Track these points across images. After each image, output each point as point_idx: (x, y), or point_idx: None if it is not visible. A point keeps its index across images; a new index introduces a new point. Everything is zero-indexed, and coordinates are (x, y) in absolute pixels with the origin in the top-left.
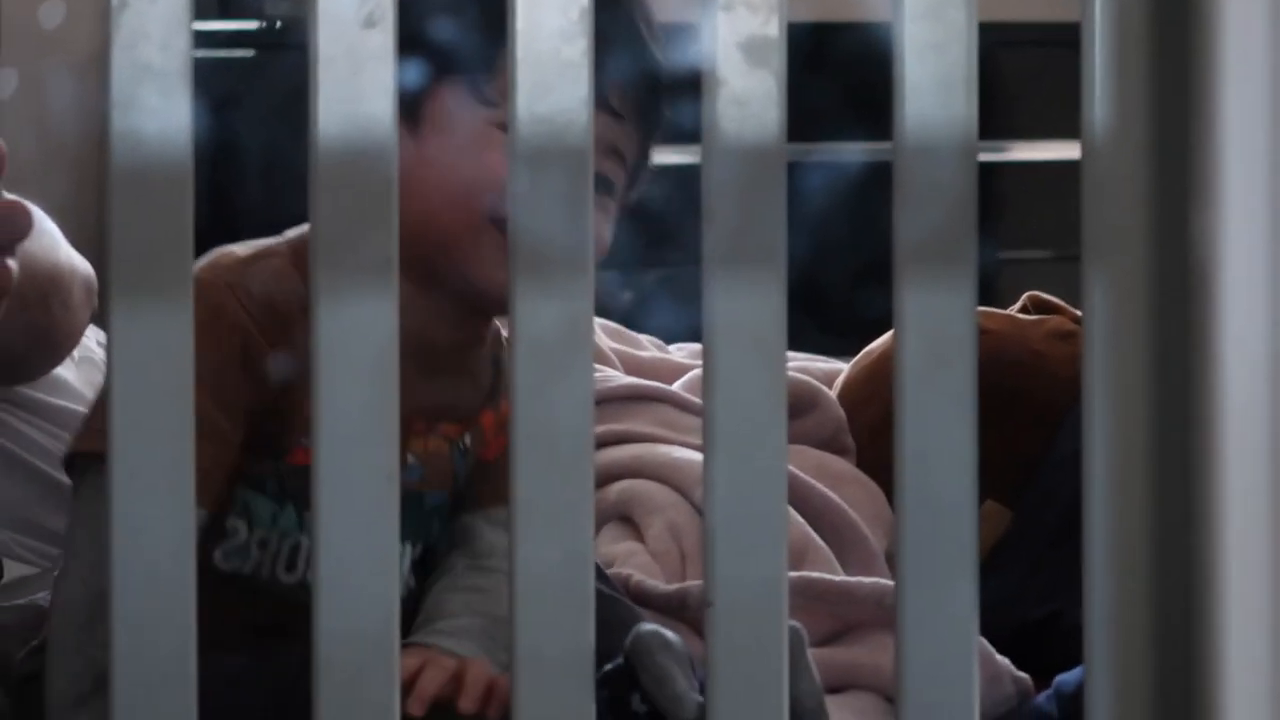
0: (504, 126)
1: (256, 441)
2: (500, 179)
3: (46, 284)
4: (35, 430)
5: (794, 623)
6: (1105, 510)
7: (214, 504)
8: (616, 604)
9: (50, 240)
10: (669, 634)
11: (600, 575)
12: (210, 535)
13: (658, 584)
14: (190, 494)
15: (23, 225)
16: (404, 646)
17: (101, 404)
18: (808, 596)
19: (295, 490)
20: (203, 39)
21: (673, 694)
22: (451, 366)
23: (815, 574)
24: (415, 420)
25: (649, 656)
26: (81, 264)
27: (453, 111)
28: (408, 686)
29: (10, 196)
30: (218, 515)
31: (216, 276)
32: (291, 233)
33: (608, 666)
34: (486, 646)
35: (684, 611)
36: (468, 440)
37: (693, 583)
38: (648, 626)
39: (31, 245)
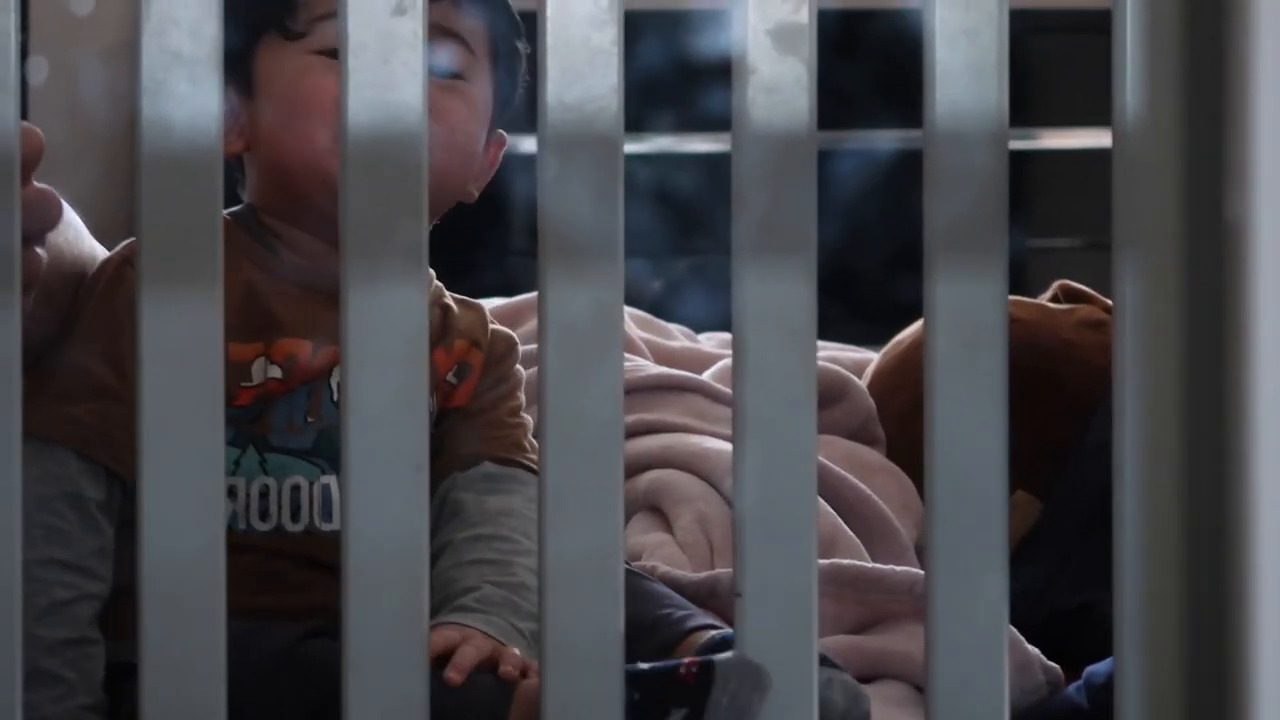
0: (321, 52)
1: None
2: (331, 97)
3: (70, 273)
4: None
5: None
6: (1136, 500)
7: (116, 463)
8: (652, 594)
9: (75, 232)
10: (763, 669)
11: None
12: None
13: (686, 572)
14: (220, 477)
15: (53, 214)
16: (435, 626)
17: (49, 383)
18: (838, 584)
19: (250, 433)
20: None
21: None
22: None
23: (846, 561)
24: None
25: (738, 683)
26: (104, 254)
27: (272, 60)
28: (444, 658)
29: (40, 185)
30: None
31: (116, 253)
32: None
33: (643, 666)
34: (513, 616)
35: (713, 599)
36: None
37: (723, 571)
38: (742, 655)
39: (57, 237)
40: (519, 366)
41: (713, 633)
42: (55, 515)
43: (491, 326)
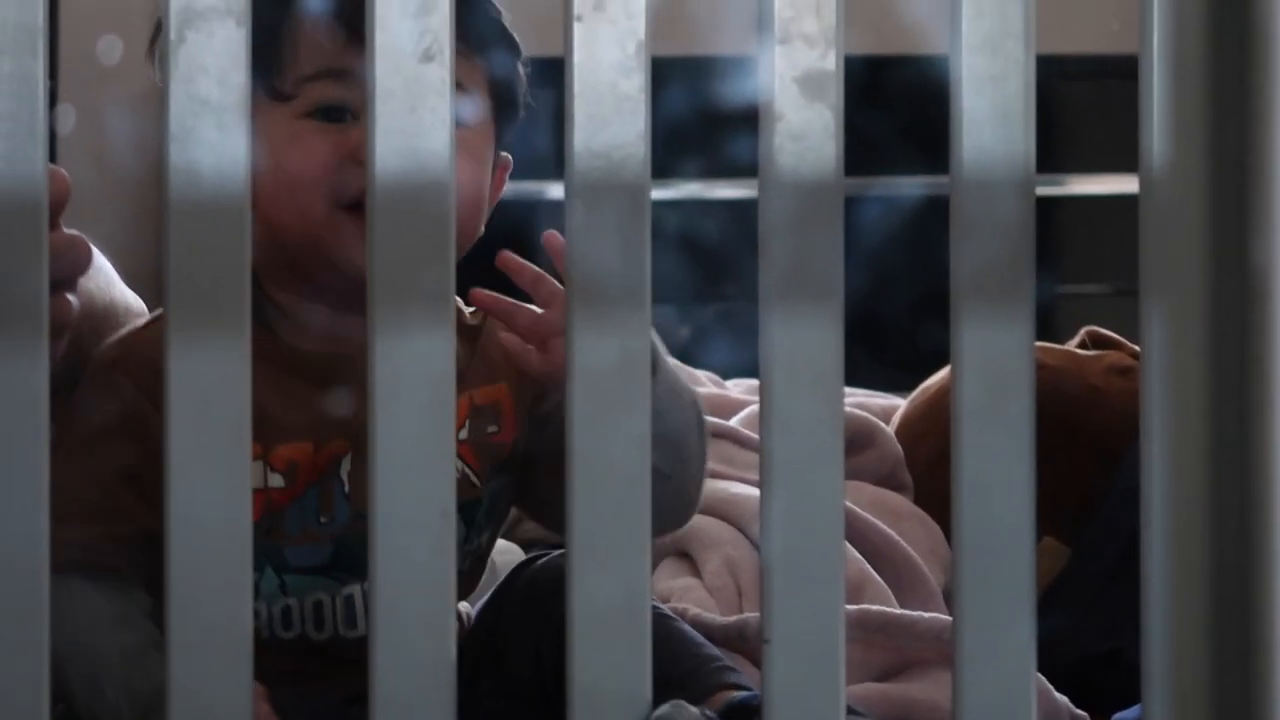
0: (308, 114)
1: None
2: (323, 165)
3: (102, 319)
4: None
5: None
6: (1163, 545)
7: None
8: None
9: (105, 277)
10: (686, 706)
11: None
12: None
13: (715, 616)
14: (247, 528)
15: (83, 260)
16: None
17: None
18: (866, 630)
19: (265, 549)
20: None
21: None
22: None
23: (874, 607)
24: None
25: None
26: (134, 301)
27: (261, 123)
28: None
29: (70, 231)
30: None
31: (104, 354)
32: None
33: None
34: None
35: (743, 644)
36: None
37: (751, 615)
38: (670, 705)
39: (88, 282)
40: None
41: (738, 695)
42: (96, 644)
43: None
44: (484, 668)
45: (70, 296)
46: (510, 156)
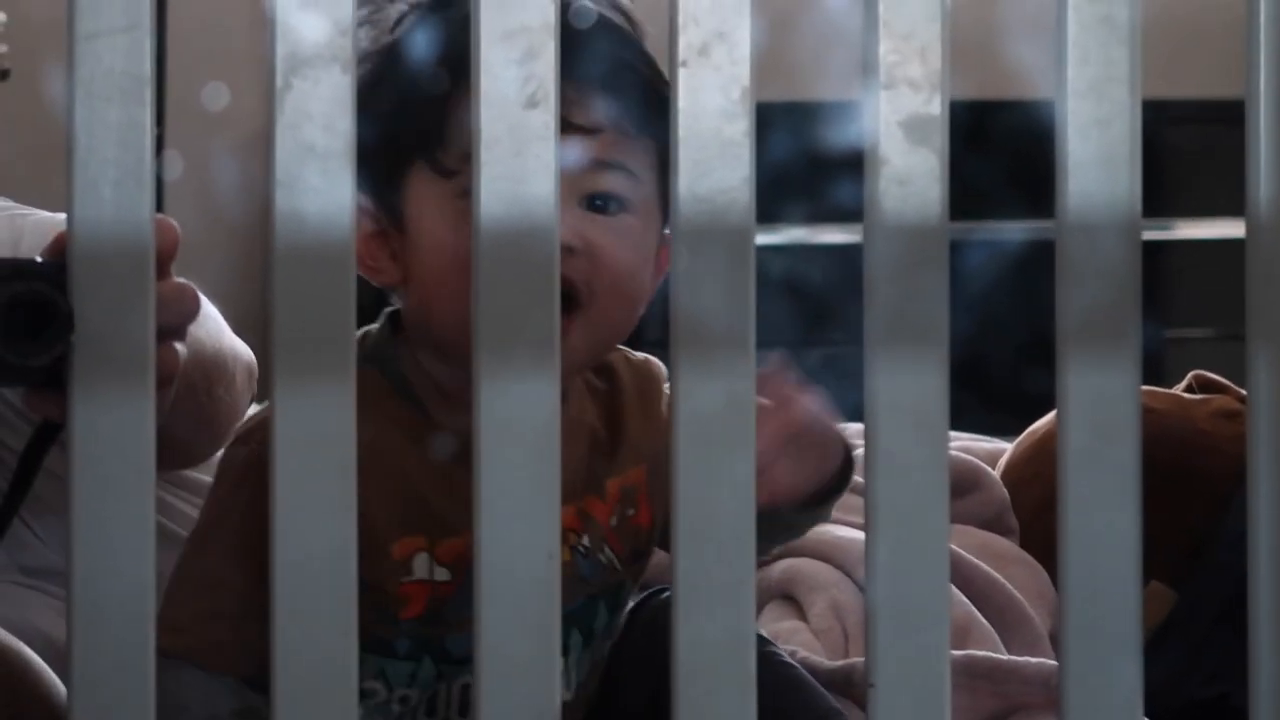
0: (466, 194)
1: (360, 609)
2: None
3: (211, 368)
4: (198, 511)
5: None
6: (1270, 591)
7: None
8: (795, 687)
9: (215, 325)
10: None
11: (773, 653)
12: None
13: (823, 660)
14: (352, 577)
15: (191, 309)
16: None
17: (173, 594)
18: (972, 675)
19: (426, 640)
20: None
21: None
22: None
23: (980, 652)
24: None
25: None
26: (243, 349)
27: (423, 197)
28: None
29: (178, 279)
30: None
31: (243, 447)
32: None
33: None
34: None
35: (850, 688)
36: (586, 541)
37: (858, 659)
38: None
39: (198, 330)
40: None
41: None
42: None
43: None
44: (599, 706)
45: (178, 345)
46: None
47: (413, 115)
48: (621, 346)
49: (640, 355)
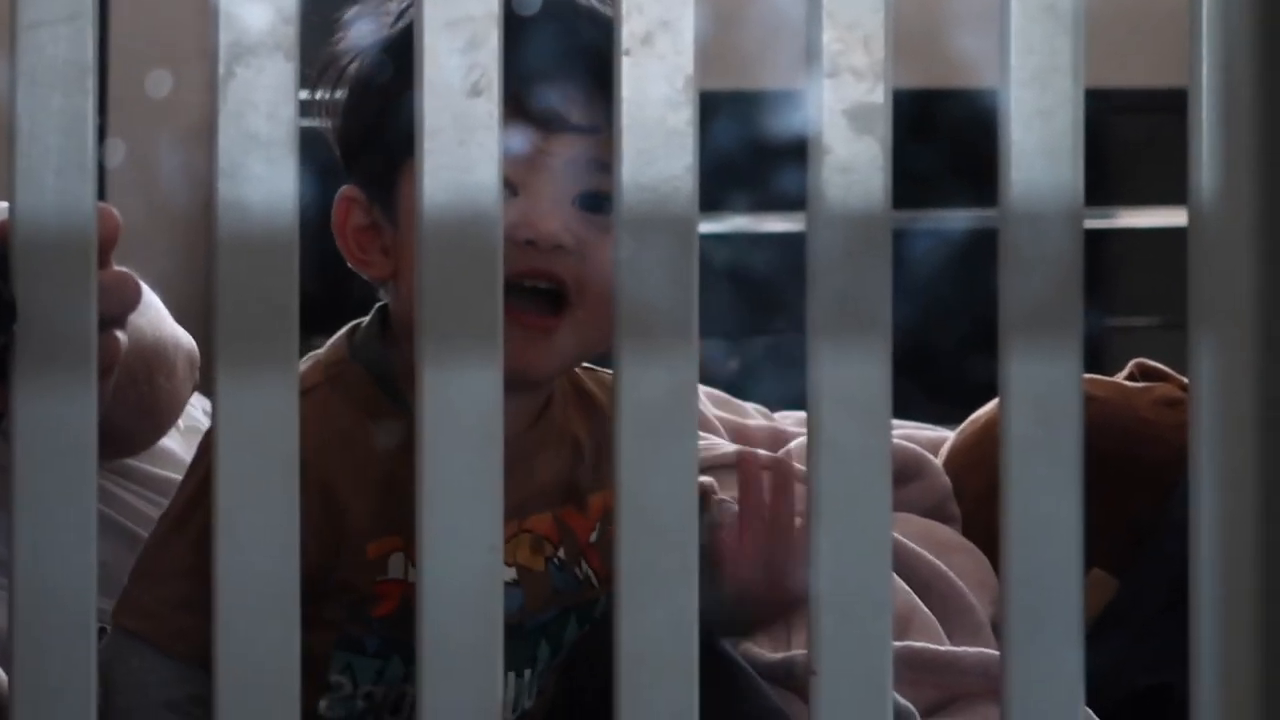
0: None
1: (333, 605)
2: None
3: (152, 357)
4: (142, 501)
5: (904, 702)
6: (1212, 579)
7: None
8: (740, 675)
9: (155, 314)
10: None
11: (716, 644)
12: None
13: (763, 652)
14: (294, 572)
15: (131, 297)
16: None
17: (139, 577)
18: (913, 667)
19: (396, 640)
20: (308, 108)
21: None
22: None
23: (920, 644)
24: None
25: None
26: (185, 337)
27: (414, 194)
28: None
29: (119, 268)
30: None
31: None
32: (324, 352)
33: None
34: None
35: (790, 680)
36: (562, 553)
37: (798, 651)
38: None
39: (138, 318)
40: None
41: None
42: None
43: None
44: (560, 703)
45: (120, 334)
46: None
47: (408, 109)
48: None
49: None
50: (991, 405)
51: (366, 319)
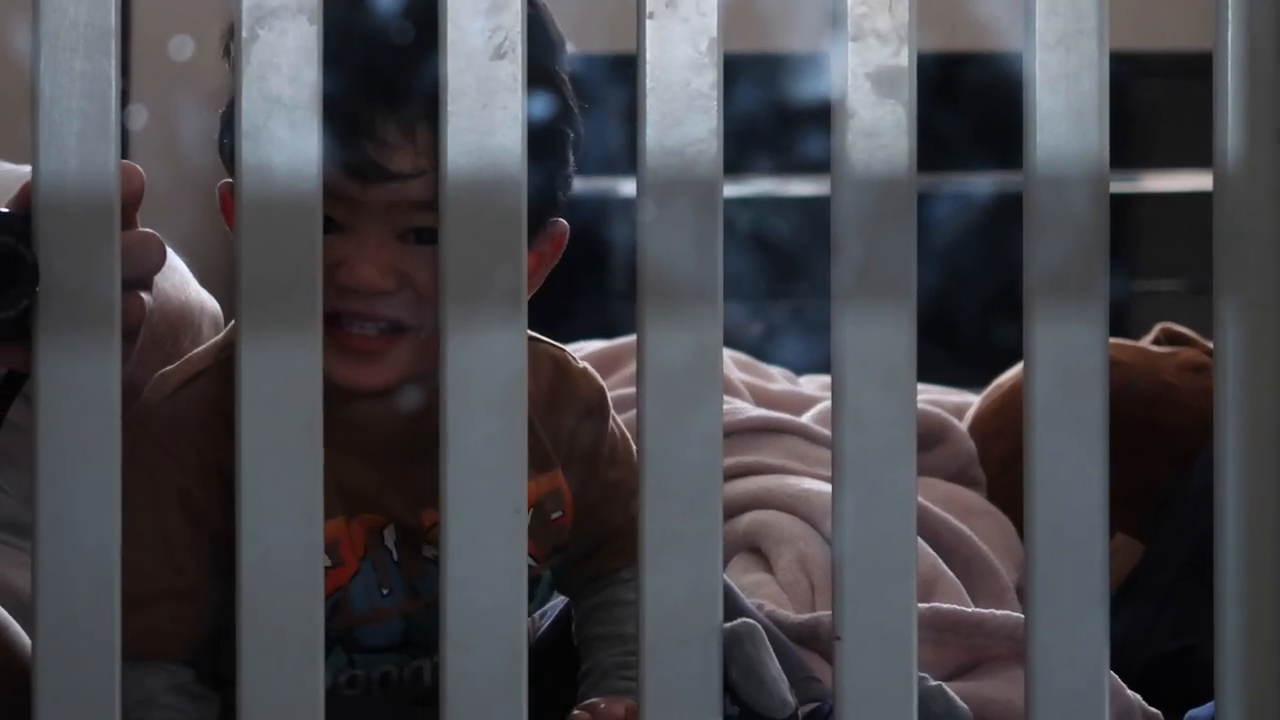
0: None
1: None
2: None
3: (177, 318)
4: None
5: (963, 705)
6: (1237, 543)
7: (195, 657)
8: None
9: (180, 276)
10: (757, 625)
11: (741, 605)
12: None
13: (789, 613)
14: (318, 520)
15: (156, 258)
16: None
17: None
18: (938, 628)
19: (334, 632)
20: None
21: (758, 682)
22: None
23: (946, 605)
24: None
25: (736, 647)
26: (209, 300)
27: None
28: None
29: (144, 229)
30: None
31: (146, 432)
32: (219, 336)
33: None
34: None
35: (816, 641)
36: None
37: (824, 613)
38: (739, 621)
39: (163, 281)
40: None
41: (811, 706)
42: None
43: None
44: (560, 666)
45: (144, 295)
46: (565, 221)
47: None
48: (563, 347)
49: (580, 365)
50: (1016, 370)
51: None
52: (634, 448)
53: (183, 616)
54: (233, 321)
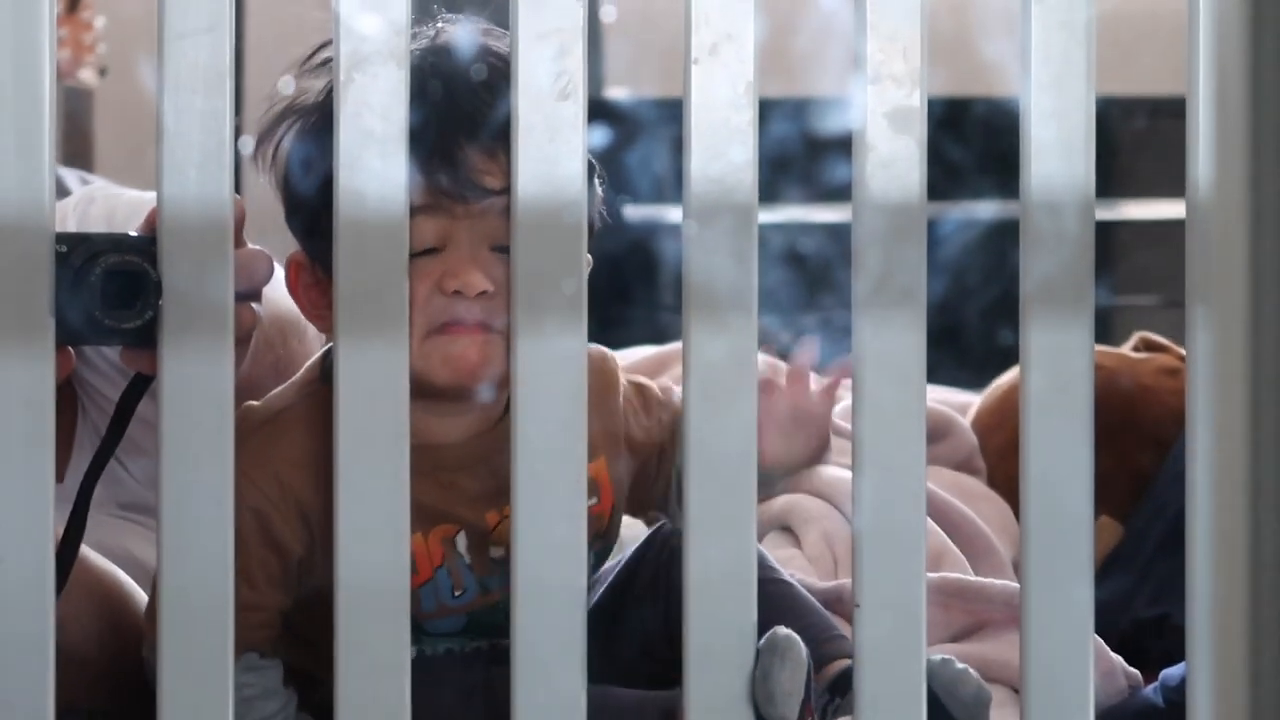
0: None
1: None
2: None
3: (285, 324)
4: None
5: (984, 683)
6: (1206, 523)
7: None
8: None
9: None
10: (795, 639)
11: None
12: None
13: (815, 580)
14: (405, 508)
15: (264, 272)
16: None
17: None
18: (945, 594)
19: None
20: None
21: (768, 694)
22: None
23: (952, 574)
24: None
25: (767, 653)
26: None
27: None
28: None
29: (253, 246)
30: None
31: (243, 474)
32: (299, 374)
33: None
34: None
35: (839, 604)
36: None
37: (846, 580)
38: (784, 630)
39: (271, 290)
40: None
41: (844, 666)
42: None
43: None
44: (619, 622)
45: (255, 305)
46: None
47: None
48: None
49: (596, 349)
50: (1012, 373)
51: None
52: (653, 391)
53: (246, 622)
54: (313, 358)
